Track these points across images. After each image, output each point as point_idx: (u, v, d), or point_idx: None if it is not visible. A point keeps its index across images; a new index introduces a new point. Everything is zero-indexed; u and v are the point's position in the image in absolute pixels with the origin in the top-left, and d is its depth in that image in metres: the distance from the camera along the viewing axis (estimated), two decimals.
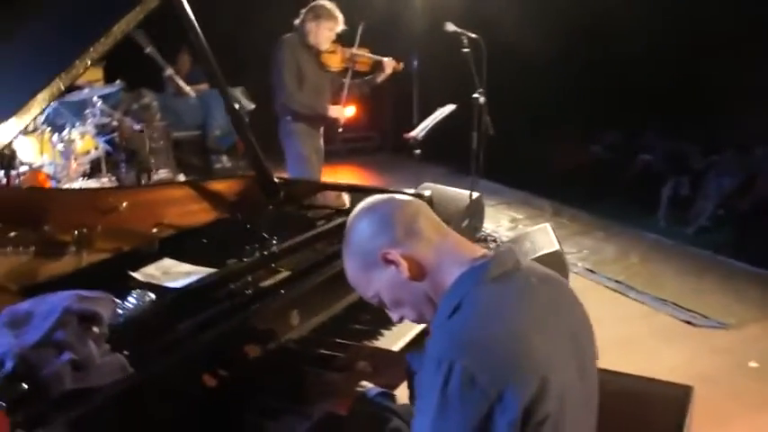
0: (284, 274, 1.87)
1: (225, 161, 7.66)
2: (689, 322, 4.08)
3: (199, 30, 2.25)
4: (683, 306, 4.25)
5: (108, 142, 5.40)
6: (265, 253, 1.87)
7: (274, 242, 1.95)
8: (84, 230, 2.44)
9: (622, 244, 5.40)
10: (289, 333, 1.81)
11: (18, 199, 2.65)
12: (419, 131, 4.82)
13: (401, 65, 4.66)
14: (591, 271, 4.84)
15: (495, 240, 5.44)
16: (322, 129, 4.72)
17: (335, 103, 4.59)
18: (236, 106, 2.49)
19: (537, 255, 4.20)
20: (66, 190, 2.99)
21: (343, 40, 4.55)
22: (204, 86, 7.81)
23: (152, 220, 2.62)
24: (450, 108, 4.88)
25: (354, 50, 4.53)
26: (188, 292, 1.63)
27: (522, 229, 5.65)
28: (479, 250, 1.38)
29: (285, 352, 1.78)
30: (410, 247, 1.34)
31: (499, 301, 1.26)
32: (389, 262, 1.34)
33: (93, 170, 5.23)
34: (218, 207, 2.74)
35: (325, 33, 4.42)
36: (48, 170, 4.62)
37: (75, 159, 4.81)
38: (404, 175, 6.41)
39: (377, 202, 1.42)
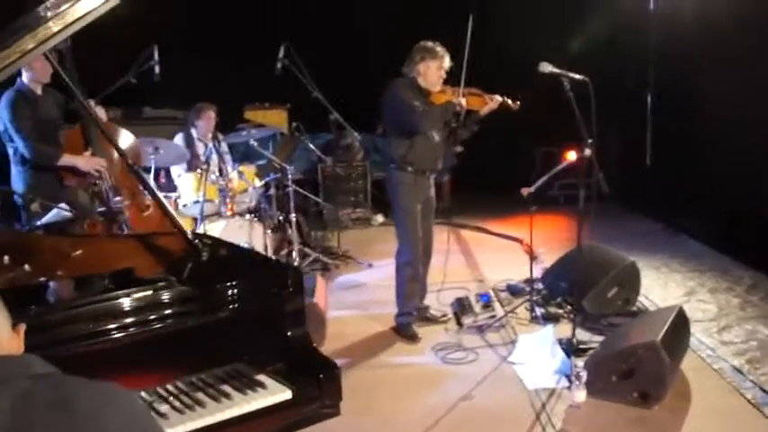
0: None
1: None
2: None
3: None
4: None
5: (269, 184, 5.79)
6: None
7: None
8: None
9: None
10: None
11: (13, 241, 3.02)
12: (535, 186, 4.28)
13: (517, 103, 4.34)
14: (738, 371, 3.75)
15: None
16: (432, 177, 4.48)
17: None
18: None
19: (628, 344, 3.46)
20: (43, 235, 3.31)
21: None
22: None
23: (100, 269, 2.79)
24: (571, 158, 4.25)
25: (462, 89, 4.24)
26: None
27: (692, 304, 4.80)
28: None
29: None
30: None
31: None
32: None
33: (257, 211, 5.58)
34: (162, 262, 2.80)
35: (435, 73, 4.27)
36: (194, 208, 5.14)
37: (232, 198, 5.25)
38: (600, 230, 5.21)
39: None
